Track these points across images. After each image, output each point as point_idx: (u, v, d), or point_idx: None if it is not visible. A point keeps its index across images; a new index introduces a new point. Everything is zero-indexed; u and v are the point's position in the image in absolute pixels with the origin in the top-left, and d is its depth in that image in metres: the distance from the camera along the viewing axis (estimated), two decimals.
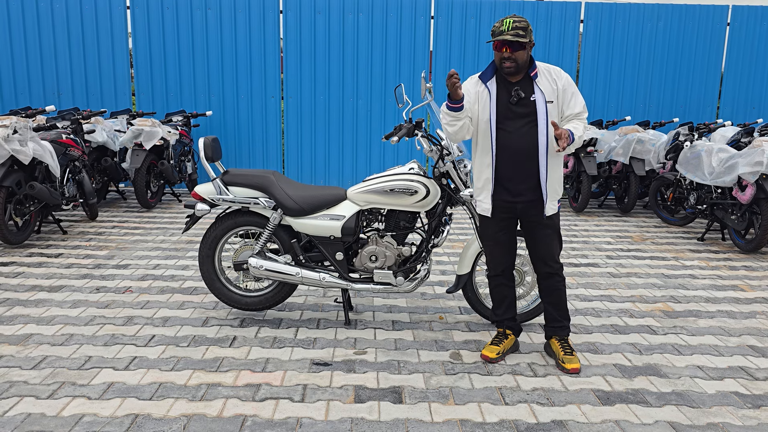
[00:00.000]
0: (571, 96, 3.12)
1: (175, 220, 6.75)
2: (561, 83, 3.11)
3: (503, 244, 3.34)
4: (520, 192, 3.15)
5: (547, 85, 3.09)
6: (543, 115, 3.05)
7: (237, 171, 3.76)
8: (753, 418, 2.79)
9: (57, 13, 8.37)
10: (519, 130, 3.09)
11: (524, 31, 2.96)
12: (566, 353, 3.27)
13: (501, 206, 3.22)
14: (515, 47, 2.97)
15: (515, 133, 3.09)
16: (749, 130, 6.60)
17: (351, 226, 3.64)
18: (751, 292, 4.64)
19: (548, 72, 3.12)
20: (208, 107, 8.66)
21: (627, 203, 7.49)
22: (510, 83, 3.11)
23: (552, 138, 3.08)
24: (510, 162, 3.13)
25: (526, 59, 3.04)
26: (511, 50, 2.98)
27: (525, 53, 3.01)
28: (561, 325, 3.35)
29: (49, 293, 4.24)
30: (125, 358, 3.24)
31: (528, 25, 3.00)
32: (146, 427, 2.59)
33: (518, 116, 3.09)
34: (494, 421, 2.71)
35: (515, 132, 3.09)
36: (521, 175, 3.14)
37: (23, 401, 2.77)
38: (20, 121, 5.19)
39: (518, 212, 3.21)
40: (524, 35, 2.95)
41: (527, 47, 3.01)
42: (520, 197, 3.16)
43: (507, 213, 3.23)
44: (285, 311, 4.01)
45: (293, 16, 8.49)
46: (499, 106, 3.11)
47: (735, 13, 8.84)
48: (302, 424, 2.65)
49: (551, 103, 3.07)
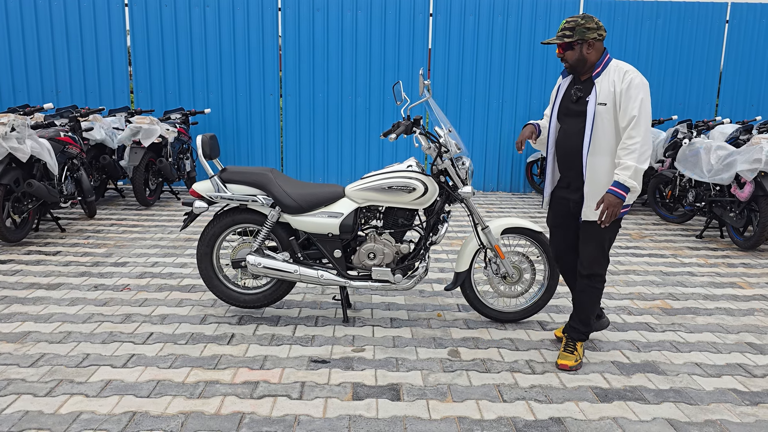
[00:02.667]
0: (627, 101, 2.93)
1: (173, 217, 6.74)
2: (622, 86, 2.95)
3: (558, 237, 3.38)
4: (571, 190, 3.20)
5: (606, 86, 2.99)
6: (591, 116, 3.01)
7: (235, 168, 3.76)
8: (751, 415, 2.79)
9: (55, 10, 8.35)
10: (572, 128, 3.11)
11: (571, 31, 2.98)
12: (565, 350, 3.29)
13: (557, 200, 3.30)
14: (564, 47, 3.04)
15: (568, 131, 3.13)
16: (748, 127, 6.60)
17: (349, 223, 3.64)
18: (750, 290, 4.65)
19: (614, 73, 3.01)
20: (207, 105, 8.64)
21: None
22: (580, 81, 3.13)
23: (598, 141, 3.02)
24: (563, 159, 3.19)
25: (579, 58, 3.03)
26: (561, 50, 3.06)
27: (574, 53, 3.02)
28: (572, 326, 3.34)
29: (47, 291, 4.23)
30: (123, 356, 3.24)
31: (579, 24, 2.98)
32: (144, 425, 2.59)
33: (574, 115, 3.11)
34: (492, 418, 2.71)
35: (569, 130, 3.13)
36: (571, 173, 3.16)
37: (21, 399, 2.77)
38: (18, 118, 5.18)
39: (572, 209, 3.22)
40: (570, 35, 2.98)
41: (576, 47, 3.01)
42: (572, 195, 3.19)
43: (563, 208, 3.28)
44: (283, 309, 4.01)
45: (292, 13, 8.48)
46: (561, 104, 3.19)
47: (734, 11, 8.83)
48: (300, 422, 2.65)
49: (603, 105, 2.99)
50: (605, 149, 3.02)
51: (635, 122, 2.90)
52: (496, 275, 3.76)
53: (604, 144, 3.01)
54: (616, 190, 2.91)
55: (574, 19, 2.99)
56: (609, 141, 3.01)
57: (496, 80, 8.77)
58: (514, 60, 8.72)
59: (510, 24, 8.63)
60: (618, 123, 2.98)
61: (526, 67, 8.75)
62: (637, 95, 2.91)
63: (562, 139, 3.16)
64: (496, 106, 8.82)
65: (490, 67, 8.73)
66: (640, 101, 2.91)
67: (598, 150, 3.02)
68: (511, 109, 8.85)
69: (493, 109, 8.84)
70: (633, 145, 2.90)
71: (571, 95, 3.13)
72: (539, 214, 7.40)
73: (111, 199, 7.74)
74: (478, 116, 8.85)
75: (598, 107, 2.99)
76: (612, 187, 2.92)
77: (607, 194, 2.93)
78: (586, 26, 2.98)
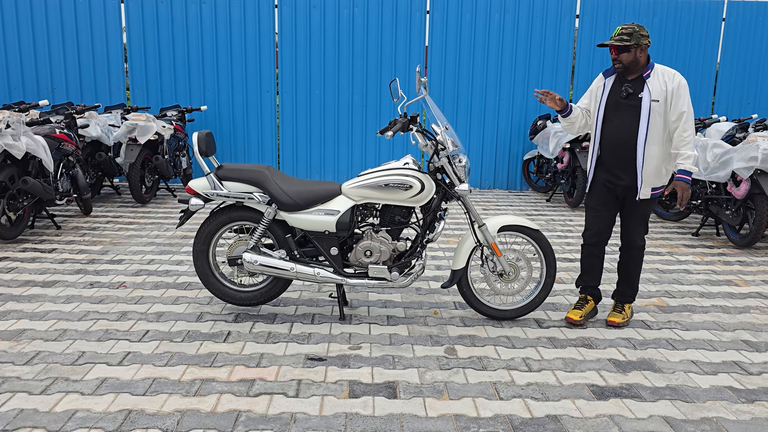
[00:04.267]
0: (677, 99, 3.43)
1: (169, 215, 6.72)
2: (672, 86, 3.45)
3: (602, 218, 3.75)
4: (619, 176, 3.62)
5: (658, 86, 3.47)
6: (646, 111, 3.47)
7: (231, 166, 3.75)
8: (746, 412, 2.80)
9: (50, 7, 8.31)
10: (623, 122, 3.54)
11: (629, 36, 3.44)
12: (614, 310, 3.85)
13: (603, 184, 3.70)
14: (619, 50, 3.48)
15: (619, 125, 3.56)
16: (744, 125, 6.60)
17: (346, 221, 3.63)
18: (746, 287, 4.66)
19: (663, 74, 3.49)
20: (203, 102, 8.62)
21: None
22: (626, 80, 3.57)
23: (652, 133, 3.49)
24: (612, 149, 3.60)
25: (633, 60, 3.48)
26: (616, 52, 3.49)
27: (630, 55, 3.48)
28: (620, 291, 3.86)
29: (42, 288, 4.22)
30: (119, 354, 3.23)
31: (635, 31, 3.45)
32: (140, 423, 2.58)
33: (625, 109, 3.54)
34: (489, 415, 2.71)
35: (620, 123, 3.56)
36: (621, 161, 3.59)
37: (16, 397, 2.76)
38: (13, 115, 5.16)
39: (619, 193, 3.67)
40: (628, 39, 3.44)
41: (632, 50, 3.46)
42: (620, 181, 3.62)
43: (608, 192, 3.70)
44: (279, 306, 4.01)
45: (288, 10, 8.45)
46: (609, 100, 3.60)
47: (730, 9, 8.85)
48: (296, 420, 2.64)
49: (657, 102, 3.46)
50: (657, 139, 3.51)
51: (686, 117, 3.43)
52: (493, 273, 3.76)
53: (656, 135, 3.50)
54: (684, 177, 3.48)
55: (631, 26, 3.46)
56: (660, 132, 3.50)
57: (492, 78, 8.77)
58: (511, 57, 8.72)
59: (507, 21, 8.62)
60: (668, 117, 3.48)
61: (523, 65, 8.75)
62: (685, 94, 3.45)
63: (612, 131, 3.59)
64: (492, 104, 8.82)
65: (487, 64, 8.73)
66: (688, 99, 3.45)
67: (652, 140, 3.50)
68: (507, 106, 8.85)
69: (489, 106, 8.83)
70: (688, 137, 3.44)
71: (620, 92, 3.55)
72: (536, 212, 7.41)
73: (107, 197, 7.72)
74: (475, 114, 8.85)
75: (653, 103, 3.46)
76: (680, 174, 3.48)
77: (677, 182, 3.48)
78: (641, 33, 3.45)
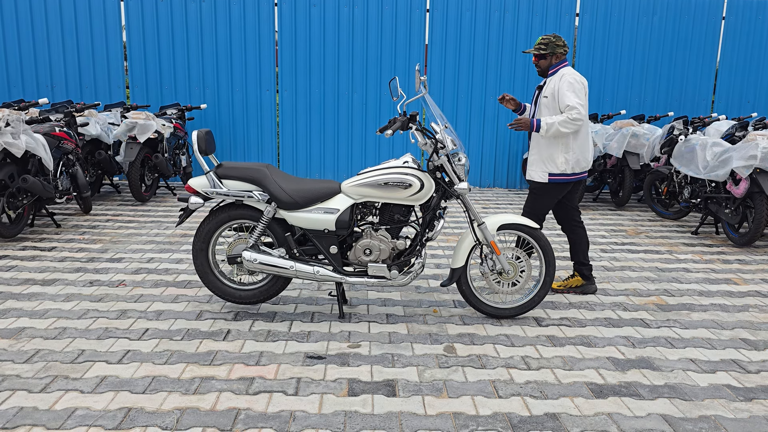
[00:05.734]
0: (561, 96, 4.03)
1: (169, 213, 6.73)
2: (559, 84, 4.06)
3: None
4: None
5: (552, 85, 4.11)
6: (539, 105, 4.19)
7: (231, 164, 3.75)
8: (745, 411, 2.81)
9: (50, 5, 8.31)
10: (534, 114, 4.26)
11: (545, 46, 4.13)
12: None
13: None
14: (538, 57, 4.20)
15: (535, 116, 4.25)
16: (744, 124, 6.61)
17: (345, 219, 3.64)
18: (744, 286, 4.66)
19: (561, 76, 4.08)
20: (203, 100, 8.62)
21: (621, 197, 7.50)
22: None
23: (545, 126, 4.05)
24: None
25: (549, 65, 4.18)
26: (536, 59, 4.21)
27: (546, 62, 4.18)
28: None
29: (42, 287, 4.22)
30: (118, 352, 3.24)
31: (551, 41, 4.12)
32: (139, 421, 2.58)
33: (536, 104, 4.25)
34: (487, 414, 2.72)
35: (535, 115, 4.24)
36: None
37: (15, 395, 2.77)
38: (13, 113, 5.16)
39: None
40: (545, 49, 4.13)
41: (548, 57, 4.17)
42: None
43: None
44: (279, 305, 4.01)
45: (288, 8, 8.45)
46: (535, 98, 4.29)
47: (730, 7, 8.84)
48: (296, 418, 2.65)
49: (546, 98, 4.13)
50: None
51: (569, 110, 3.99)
52: (492, 271, 3.77)
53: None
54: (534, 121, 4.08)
55: (548, 37, 4.14)
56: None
57: (492, 76, 8.76)
58: (511, 56, 8.72)
59: (507, 20, 8.62)
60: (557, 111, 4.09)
61: (523, 64, 8.75)
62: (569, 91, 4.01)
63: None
64: (492, 102, 8.81)
65: (487, 63, 8.73)
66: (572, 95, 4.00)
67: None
68: None
69: (489, 105, 8.83)
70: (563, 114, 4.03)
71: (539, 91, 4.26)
72: None
73: (106, 195, 7.72)
74: (475, 112, 8.85)
75: (543, 99, 4.15)
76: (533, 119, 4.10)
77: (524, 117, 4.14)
78: (556, 43, 4.12)
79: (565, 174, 4.13)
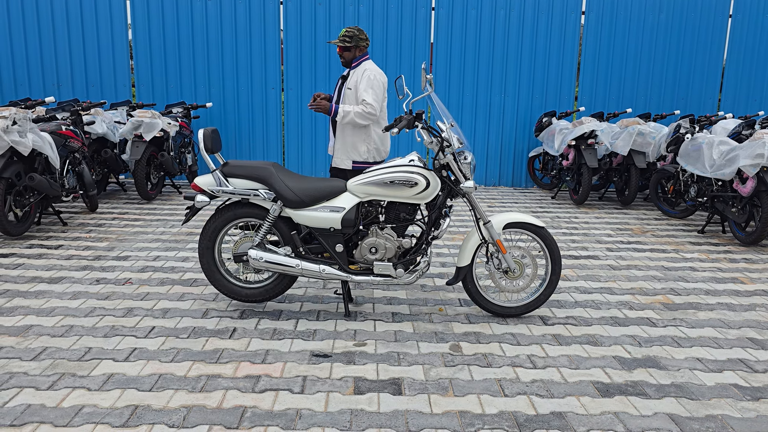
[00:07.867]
0: (360, 89, 4.32)
1: (175, 211, 6.74)
2: (361, 78, 4.33)
3: None
4: None
5: (355, 78, 4.38)
6: (343, 96, 4.46)
7: (237, 162, 3.75)
8: (752, 410, 2.80)
9: (56, 4, 8.33)
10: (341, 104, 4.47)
11: (350, 39, 4.35)
12: None
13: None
14: (342, 49, 4.41)
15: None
16: (750, 122, 6.57)
17: (351, 217, 3.64)
18: (751, 285, 4.64)
19: (364, 70, 4.35)
20: (208, 99, 8.63)
21: (627, 196, 7.48)
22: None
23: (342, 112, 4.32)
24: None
25: (352, 57, 4.42)
26: (340, 50, 4.43)
27: (350, 54, 4.41)
28: None
29: (49, 285, 4.24)
30: (125, 350, 3.25)
31: (355, 35, 4.34)
32: (146, 419, 2.59)
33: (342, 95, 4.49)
34: (493, 412, 2.72)
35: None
36: None
37: (23, 392, 2.78)
38: (20, 112, 5.18)
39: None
40: (349, 41, 4.35)
41: (352, 49, 4.39)
42: None
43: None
44: (285, 303, 4.02)
45: (294, 6, 8.45)
46: (338, 87, 4.55)
47: (737, 5, 8.80)
48: (302, 416, 2.65)
49: (350, 90, 4.39)
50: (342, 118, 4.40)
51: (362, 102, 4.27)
52: (498, 270, 3.76)
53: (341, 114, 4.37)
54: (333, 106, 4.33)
55: (352, 29, 4.34)
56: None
57: (498, 75, 8.75)
58: (516, 54, 8.70)
59: (512, 18, 8.60)
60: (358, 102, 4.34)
61: (528, 62, 8.73)
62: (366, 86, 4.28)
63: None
64: (498, 101, 8.80)
65: (492, 61, 8.71)
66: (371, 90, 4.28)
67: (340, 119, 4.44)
68: (513, 103, 8.84)
69: (495, 103, 8.82)
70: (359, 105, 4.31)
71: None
72: (541, 209, 7.40)
73: (113, 193, 7.74)
74: (480, 111, 8.84)
75: (347, 90, 4.39)
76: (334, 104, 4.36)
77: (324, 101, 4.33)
78: (360, 36, 4.36)
79: (367, 162, 4.47)
